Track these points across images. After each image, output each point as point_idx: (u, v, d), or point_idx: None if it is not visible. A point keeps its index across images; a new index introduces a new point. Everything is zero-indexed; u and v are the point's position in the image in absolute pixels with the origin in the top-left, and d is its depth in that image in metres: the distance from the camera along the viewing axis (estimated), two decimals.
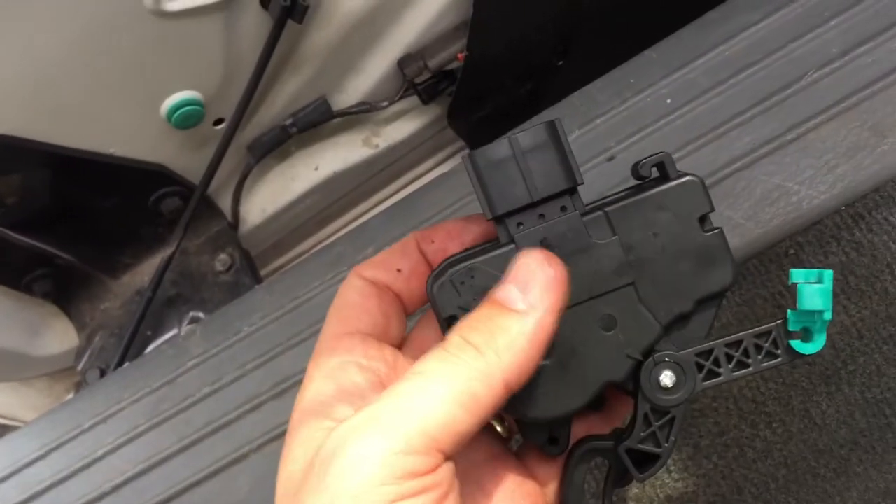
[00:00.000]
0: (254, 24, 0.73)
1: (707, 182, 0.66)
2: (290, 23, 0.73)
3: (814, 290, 0.37)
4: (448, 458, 0.33)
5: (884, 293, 0.61)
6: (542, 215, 0.38)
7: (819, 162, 0.64)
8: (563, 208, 0.38)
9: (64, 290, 0.88)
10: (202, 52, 0.72)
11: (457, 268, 0.38)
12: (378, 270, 0.42)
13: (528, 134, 0.38)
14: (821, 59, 0.66)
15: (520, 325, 0.35)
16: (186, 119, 0.75)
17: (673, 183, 0.39)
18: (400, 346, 0.42)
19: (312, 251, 0.98)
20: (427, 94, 0.89)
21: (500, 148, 0.38)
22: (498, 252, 0.38)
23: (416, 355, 0.37)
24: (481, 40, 0.81)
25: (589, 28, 0.88)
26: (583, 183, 0.38)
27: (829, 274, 0.38)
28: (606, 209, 0.39)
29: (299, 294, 0.73)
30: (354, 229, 0.75)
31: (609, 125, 0.71)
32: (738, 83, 0.68)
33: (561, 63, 0.91)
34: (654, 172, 0.40)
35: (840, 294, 0.62)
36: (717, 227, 0.39)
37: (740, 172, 0.66)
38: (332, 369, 0.38)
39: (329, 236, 1.01)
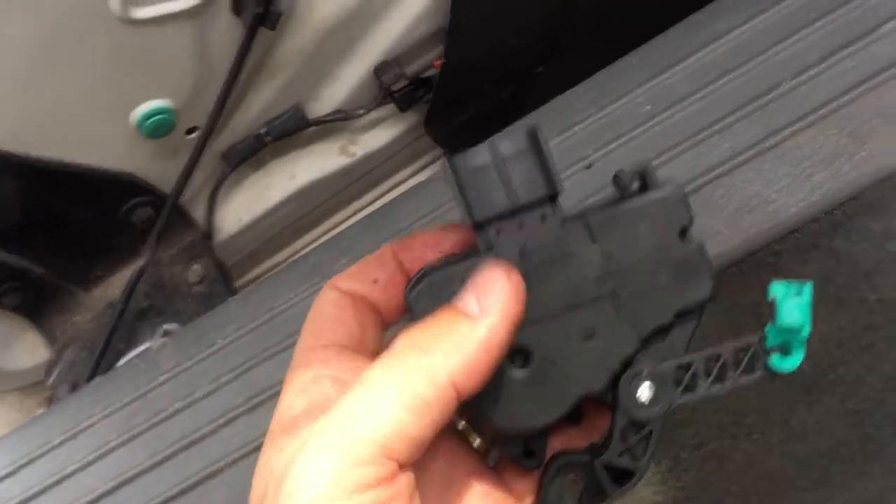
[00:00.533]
0: (226, 31, 0.72)
1: (686, 189, 0.65)
2: (263, 29, 0.72)
3: (793, 305, 0.36)
4: (404, 466, 0.32)
5: (863, 302, 0.61)
6: (521, 223, 0.37)
7: (797, 170, 0.64)
8: (543, 216, 0.37)
9: (34, 303, 0.86)
10: (173, 60, 0.71)
11: (434, 275, 0.38)
12: (354, 281, 0.41)
13: (508, 140, 0.37)
14: (799, 66, 0.66)
15: (471, 328, 0.34)
16: (157, 128, 0.74)
17: (654, 193, 0.38)
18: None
19: (288, 261, 0.97)
20: (404, 102, 0.88)
21: (480, 153, 0.37)
22: (476, 259, 0.37)
23: None
24: (459, 46, 0.80)
25: (572, 32, 0.88)
26: (562, 191, 0.37)
27: (808, 287, 0.37)
28: (587, 218, 0.38)
29: (274, 305, 0.72)
30: (330, 239, 0.74)
31: (587, 132, 0.70)
32: (717, 89, 0.67)
33: (541, 68, 0.90)
34: (636, 181, 0.40)
35: (819, 303, 0.61)
36: (698, 240, 0.39)
37: (719, 180, 0.65)
38: (306, 383, 0.37)
39: (306, 245, 1.00)
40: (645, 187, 0.39)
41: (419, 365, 0.33)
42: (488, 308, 0.34)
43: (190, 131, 0.79)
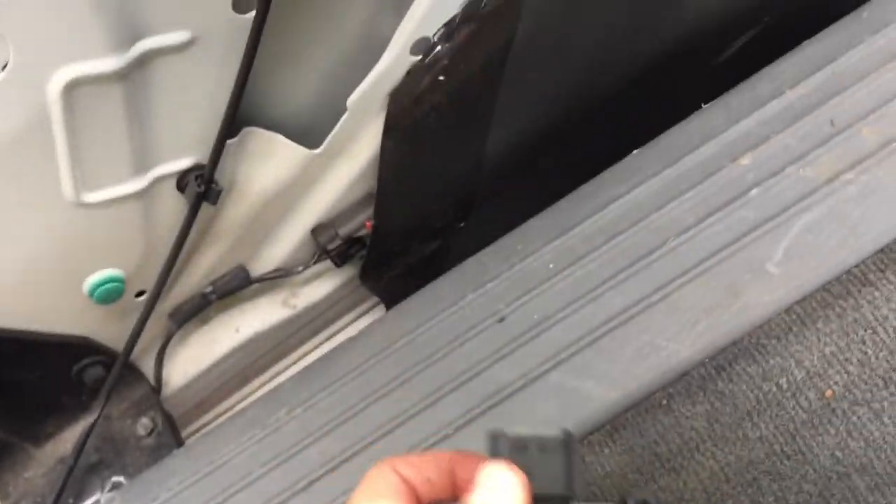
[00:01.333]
0: (171, 205, 0.79)
1: (587, 339, 0.74)
2: (205, 204, 0.80)
3: None
4: None
5: (745, 439, 0.67)
6: None
7: (682, 319, 0.71)
8: None
9: None
10: (122, 234, 0.78)
11: None
12: (413, 472, 0.44)
13: (546, 439, 0.42)
14: (679, 227, 0.75)
15: None
16: (108, 295, 0.80)
17: None
18: None
19: (229, 413, 1.01)
20: (340, 258, 0.95)
21: (520, 441, 0.42)
22: None
23: None
24: (386, 210, 0.89)
25: (486, 193, 0.97)
26: (577, 497, 0.42)
27: None
28: None
29: (215, 458, 0.76)
30: (267, 393, 0.80)
31: (499, 289, 0.78)
32: (610, 249, 0.76)
33: (462, 224, 0.99)
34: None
35: (708, 441, 0.68)
36: None
37: (615, 330, 0.73)
38: None
39: (251, 392, 1.05)
40: None
41: None
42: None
43: (139, 294, 0.86)
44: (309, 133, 0.85)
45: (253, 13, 0.67)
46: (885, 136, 0.74)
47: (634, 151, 0.82)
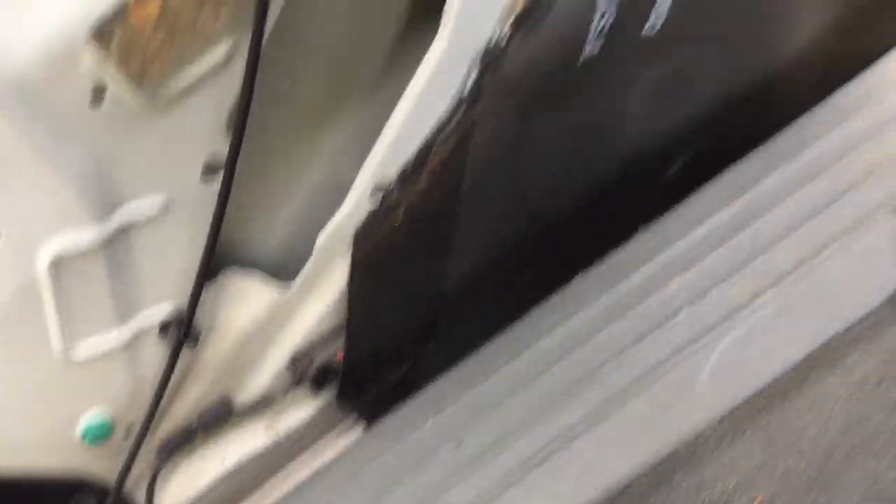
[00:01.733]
0: (154, 352, 0.86)
1: (535, 459, 0.80)
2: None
3: None
4: None
5: None
6: None
7: (622, 436, 0.77)
8: None
9: None
10: (109, 381, 0.85)
11: None
12: None
13: None
14: (616, 349, 0.81)
15: None
16: (98, 438, 0.86)
17: None
18: None
19: None
20: (317, 385, 1.01)
21: None
22: None
23: None
24: (355, 343, 0.96)
25: (451, 314, 1.04)
26: None
27: None
28: None
29: None
30: None
31: (459, 413, 0.84)
32: (555, 373, 0.82)
33: (430, 345, 1.05)
34: None
35: None
36: None
37: (560, 452, 0.79)
38: None
39: None
40: None
41: None
42: None
43: (128, 433, 0.92)
44: (283, 269, 0.92)
45: (220, 178, 0.76)
46: (798, 256, 0.81)
47: (577, 276, 0.89)
